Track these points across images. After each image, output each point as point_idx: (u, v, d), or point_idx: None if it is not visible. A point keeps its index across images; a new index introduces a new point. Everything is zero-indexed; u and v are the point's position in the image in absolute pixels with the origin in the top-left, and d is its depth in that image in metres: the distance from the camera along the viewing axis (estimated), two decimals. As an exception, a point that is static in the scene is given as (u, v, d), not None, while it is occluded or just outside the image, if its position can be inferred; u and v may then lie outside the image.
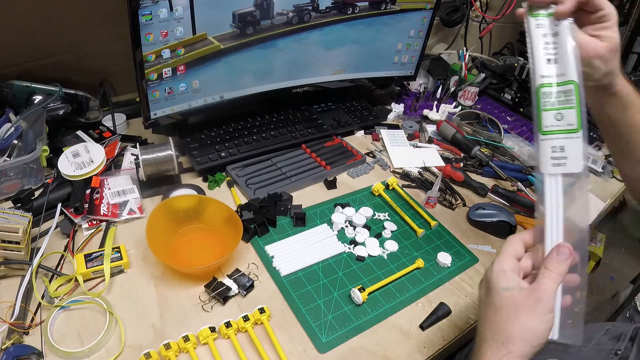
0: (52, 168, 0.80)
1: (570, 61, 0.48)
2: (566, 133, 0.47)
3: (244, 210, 0.77)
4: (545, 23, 0.50)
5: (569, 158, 0.47)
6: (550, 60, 0.49)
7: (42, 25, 0.88)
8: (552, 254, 0.44)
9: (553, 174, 0.47)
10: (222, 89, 0.89)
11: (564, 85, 0.48)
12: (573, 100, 0.48)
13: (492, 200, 0.92)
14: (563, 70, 0.48)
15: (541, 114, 0.48)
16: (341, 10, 0.93)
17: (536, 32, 0.50)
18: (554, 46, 0.49)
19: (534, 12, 0.50)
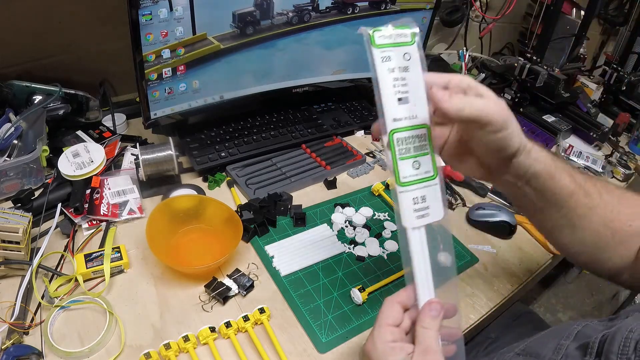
0: (52, 168, 0.80)
1: (422, 101, 0.43)
2: (425, 181, 0.44)
3: (244, 210, 0.77)
4: (393, 55, 0.42)
5: (430, 207, 0.44)
6: (402, 99, 0.42)
7: (42, 25, 0.88)
8: (424, 312, 0.43)
9: (417, 227, 0.44)
10: (222, 89, 0.89)
11: (417, 129, 0.43)
12: (426, 145, 0.44)
13: (492, 200, 0.92)
14: (415, 112, 0.43)
15: (398, 163, 0.43)
16: (341, 10, 0.93)
17: (382, 67, 0.42)
18: (403, 82, 0.42)
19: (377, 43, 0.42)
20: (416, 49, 0.43)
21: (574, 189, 0.48)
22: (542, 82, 1.19)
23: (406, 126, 0.43)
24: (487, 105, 0.41)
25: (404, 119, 0.43)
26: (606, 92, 1.40)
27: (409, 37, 0.43)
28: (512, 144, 0.44)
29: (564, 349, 0.44)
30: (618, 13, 1.64)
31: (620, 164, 1.12)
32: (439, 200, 0.44)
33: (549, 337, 0.48)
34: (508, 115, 0.42)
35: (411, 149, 0.43)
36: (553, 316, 1.71)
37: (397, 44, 0.43)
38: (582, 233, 0.50)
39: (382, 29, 0.42)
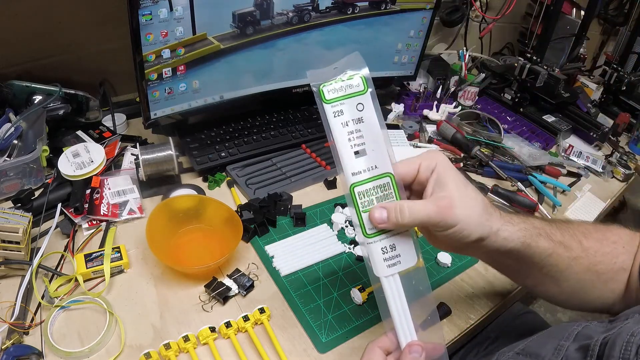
0: (52, 168, 0.80)
1: (381, 149, 0.42)
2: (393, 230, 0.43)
3: (244, 210, 0.77)
4: (345, 108, 0.42)
5: (402, 255, 0.43)
6: (359, 152, 0.42)
7: (42, 25, 0.88)
8: (405, 355, 0.42)
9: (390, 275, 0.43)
10: (222, 89, 0.89)
11: (378, 179, 0.42)
12: (392, 193, 0.43)
13: (492, 200, 0.92)
14: (374, 162, 0.42)
15: (361, 216, 0.42)
16: (341, 10, 0.93)
17: (335, 122, 0.42)
18: (358, 135, 0.42)
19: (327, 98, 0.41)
20: (369, 97, 0.42)
21: (553, 248, 0.47)
22: (542, 82, 1.19)
23: (366, 178, 0.43)
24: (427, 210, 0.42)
25: (363, 172, 0.42)
26: (606, 92, 1.40)
27: (360, 85, 0.42)
28: (468, 235, 0.43)
29: (564, 350, 0.44)
30: (618, 13, 1.64)
31: (620, 164, 1.12)
32: (411, 246, 0.44)
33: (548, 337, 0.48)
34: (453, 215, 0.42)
35: (374, 200, 0.43)
36: (553, 316, 1.71)
37: (349, 95, 0.42)
38: (567, 283, 0.50)
39: (331, 82, 0.42)
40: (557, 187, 0.98)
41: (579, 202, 0.98)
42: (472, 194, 0.44)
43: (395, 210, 0.41)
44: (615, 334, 0.40)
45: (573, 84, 1.44)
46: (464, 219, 0.42)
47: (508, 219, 0.46)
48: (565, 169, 1.07)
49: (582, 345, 0.43)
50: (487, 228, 0.44)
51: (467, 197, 0.43)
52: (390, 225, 0.42)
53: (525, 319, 0.81)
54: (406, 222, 0.41)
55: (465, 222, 0.42)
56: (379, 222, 0.42)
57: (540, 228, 0.48)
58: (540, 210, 0.89)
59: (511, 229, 0.45)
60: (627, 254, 0.51)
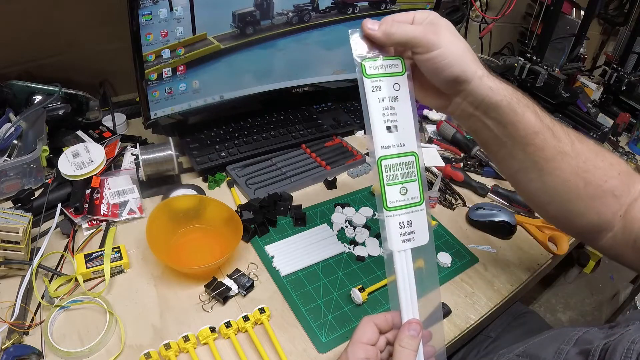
0: (52, 168, 0.80)
1: (411, 129, 0.45)
2: (412, 207, 0.45)
3: (244, 210, 0.77)
4: (383, 85, 0.44)
5: (416, 232, 0.45)
6: (391, 128, 0.44)
7: (42, 25, 0.88)
8: (404, 331, 0.43)
9: (403, 250, 0.45)
10: (222, 89, 0.89)
11: (405, 157, 0.45)
12: (414, 172, 0.45)
13: (492, 200, 0.92)
14: (403, 140, 0.45)
15: (385, 189, 0.44)
16: (341, 10, 0.93)
17: (372, 96, 0.44)
18: (392, 112, 0.44)
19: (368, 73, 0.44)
20: (406, 80, 0.45)
21: (540, 127, 0.46)
22: (542, 82, 1.19)
23: (394, 154, 0.45)
24: (415, 29, 0.43)
25: (392, 147, 0.45)
26: (606, 92, 1.40)
27: (399, 67, 0.45)
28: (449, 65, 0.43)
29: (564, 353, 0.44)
30: (618, 13, 1.64)
31: (620, 164, 1.12)
32: (425, 225, 0.46)
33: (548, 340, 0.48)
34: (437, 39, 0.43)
35: (398, 175, 0.45)
36: (553, 316, 1.72)
37: (388, 74, 0.44)
38: (550, 179, 0.48)
39: (373, 59, 0.44)
40: (557, 187, 0.98)
41: (579, 202, 0.98)
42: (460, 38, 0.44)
43: (387, 22, 0.43)
44: (616, 341, 0.40)
45: (573, 84, 1.44)
46: (446, 44, 0.43)
47: (494, 75, 0.46)
48: (565, 169, 1.07)
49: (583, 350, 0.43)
50: (471, 67, 0.44)
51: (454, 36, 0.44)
52: (379, 33, 0.42)
53: (525, 319, 0.81)
54: (393, 32, 0.42)
55: (447, 49, 0.43)
56: (369, 28, 0.43)
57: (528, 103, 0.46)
58: (540, 210, 0.89)
59: (496, 81, 0.45)
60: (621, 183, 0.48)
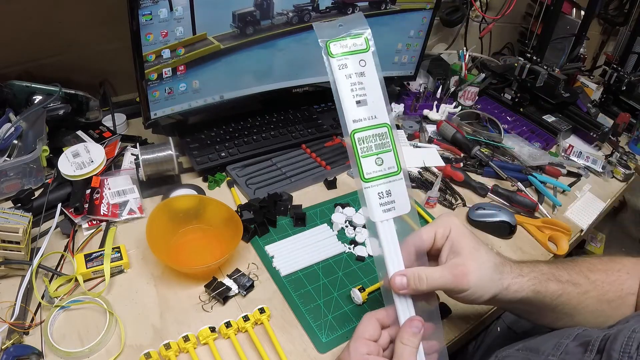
0: (52, 168, 0.80)
1: (381, 102, 0.47)
2: (389, 177, 0.47)
3: (244, 210, 0.77)
4: (349, 62, 0.46)
5: (396, 201, 0.47)
6: (360, 102, 0.46)
7: (42, 25, 0.88)
8: (405, 328, 0.44)
9: (385, 220, 0.46)
10: (222, 89, 0.89)
11: (377, 128, 0.47)
12: (388, 143, 0.47)
13: (492, 200, 0.92)
14: (374, 112, 0.46)
15: (360, 161, 0.46)
16: (341, 10, 0.93)
17: (339, 74, 0.46)
18: (360, 87, 0.46)
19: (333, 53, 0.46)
20: (370, 56, 0.47)
21: (562, 289, 0.50)
22: (542, 82, 1.19)
23: (366, 126, 0.46)
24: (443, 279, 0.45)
25: (364, 120, 0.46)
26: (606, 92, 1.40)
27: (363, 44, 0.47)
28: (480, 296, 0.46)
29: (563, 346, 0.45)
30: (618, 13, 1.64)
31: (620, 164, 1.12)
32: (405, 194, 0.47)
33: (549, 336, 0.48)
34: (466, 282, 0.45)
35: (372, 147, 0.46)
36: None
37: (353, 52, 0.47)
38: (580, 317, 0.52)
39: (337, 39, 0.46)
40: (557, 187, 0.98)
41: (579, 202, 0.98)
42: (484, 258, 0.47)
43: (414, 278, 0.45)
44: (616, 330, 0.41)
45: (573, 84, 1.44)
46: (476, 283, 0.45)
47: (518, 271, 0.49)
48: (565, 169, 1.07)
49: (583, 342, 0.43)
50: (498, 286, 0.47)
51: (479, 262, 0.47)
52: (410, 291, 0.45)
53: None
54: (424, 289, 0.45)
55: (477, 286, 0.46)
56: (399, 288, 0.45)
57: (548, 272, 0.50)
58: (540, 210, 0.89)
59: (521, 280, 0.48)
60: (633, 279, 0.53)
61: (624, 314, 0.52)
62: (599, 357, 0.40)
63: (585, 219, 0.94)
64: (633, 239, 2.07)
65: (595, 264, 0.54)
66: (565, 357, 0.43)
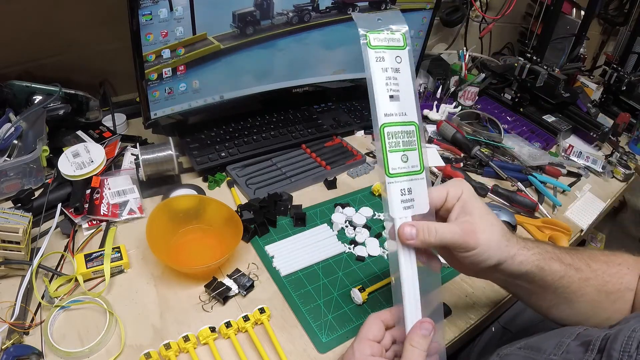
0: (52, 168, 0.80)
1: (412, 100, 0.46)
2: (412, 175, 0.46)
3: (244, 210, 0.77)
4: (386, 56, 0.46)
5: (416, 200, 0.46)
6: (393, 97, 0.46)
7: (42, 25, 0.88)
8: (415, 330, 0.44)
9: (404, 217, 0.46)
10: (222, 89, 0.89)
11: (406, 126, 0.46)
12: (415, 142, 0.46)
13: (492, 200, 0.92)
14: (404, 109, 0.46)
15: (387, 155, 0.46)
16: (341, 10, 0.93)
17: (376, 66, 0.46)
18: (394, 82, 0.46)
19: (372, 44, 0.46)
20: (407, 54, 0.47)
21: (564, 270, 0.50)
22: (542, 82, 1.19)
23: (396, 121, 0.46)
24: (452, 233, 0.45)
25: (394, 115, 0.46)
26: (606, 92, 1.40)
27: (401, 41, 0.47)
28: (486, 259, 0.46)
29: (565, 345, 0.45)
30: (618, 13, 1.64)
31: (620, 164, 1.12)
32: (425, 194, 0.47)
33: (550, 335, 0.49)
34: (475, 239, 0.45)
35: (400, 143, 0.46)
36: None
37: (390, 47, 0.47)
38: (579, 305, 0.52)
39: (377, 31, 0.46)
40: (557, 187, 0.98)
41: (579, 202, 0.98)
42: (493, 221, 0.47)
43: (424, 230, 0.45)
44: (617, 330, 0.41)
45: (573, 84, 1.44)
46: (484, 242, 0.45)
47: (523, 244, 0.49)
48: (565, 169, 1.07)
49: (584, 342, 0.43)
50: (505, 253, 0.47)
51: (488, 224, 0.47)
52: (418, 242, 0.45)
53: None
54: (432, 241, 0.45)
55: (485, 246, 0.46)
56: (407, 238, 0.45)
57: (552, 252, 0.50)
58: (540, 210, 0.89)
59: (526, 253, 0.48)
60: (632, 275, 0.53)
61: (622, 309, 0.52)
62: (600, 356, 0.41)
63: (585, 219, 0.94)
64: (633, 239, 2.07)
65: (597, 254, 0.54)
66: (567, 357, 0.44)
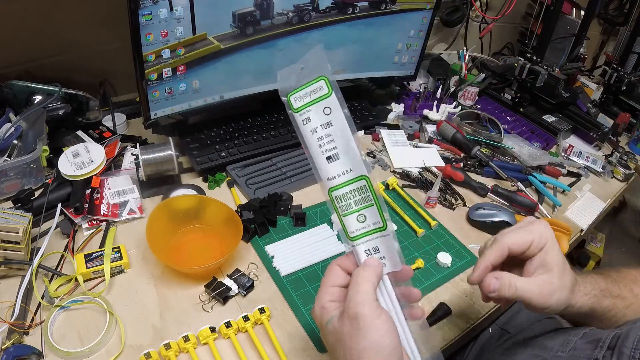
0: (52, 168, 0.80)
1: (353, 151, 0.42)
2: (375, 232, 0.43)
3: (244, 210, 0.77)
4: (312, 115, 0.42)
5: (386, 257, 0.43)
6: (331, 157, 0.42)
7: (42, 25, 0.88)
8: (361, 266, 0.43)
9: None
10: (222, 89, 0.89)
11: (354, 183, 0.43)
12: (370, 197, 0.43)
13: (492, 200, 0.92)
14: (348, 166, 0.43)
15: (342, 220, 0.43)
16: (341, 10, 0.93)
17: (305, 129, 0.42)
18: (329, 139, 0.42)
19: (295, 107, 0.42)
20: (334, 100, 0.42)
21: (613, 304, 0.52)
22: (542, 82, 1.19)
23: (342, 182, 0.43)
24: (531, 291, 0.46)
25: (338, 176, 0.43)
26: (606, 92, 1.40)
27: (324, 88, 0.42)
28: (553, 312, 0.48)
29: (572, 343, 0.45)
30: (618, 13, 1.64)
31: (620, 164, 1.12)
32: (394, 250, 0.43)
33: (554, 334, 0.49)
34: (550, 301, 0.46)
35: (352, 204, 0.43)
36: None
37: (315, 100, 0.42)
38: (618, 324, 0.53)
39: (296, 90, 0.42)
40: (557, 187, 0.98)
41: (579, 202, 0.98)
42: (567, 278, 0.48)
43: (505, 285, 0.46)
44: (628, 328, 0.42)
45: (573, 84, 1.44)
46: (555, 304, 0.47)
47: (584, 291, 0.51)
48: (565, 169, 1.07)
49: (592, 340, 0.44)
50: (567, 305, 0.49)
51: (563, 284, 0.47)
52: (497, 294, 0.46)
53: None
54: (509, 296, 0.46)
55: (555, 306, 0.47)
56: (490, 291, 0.46)
57: (605, 289, 0.52)
58: (540, 210, 0.89)
59: (584, 299, 0.50)
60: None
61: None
62: (610, 353, 0.41)
63: (585, 219, 0.94)
64: (633, 239, 2.07)
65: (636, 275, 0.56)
66: (574, 353, 0.44)
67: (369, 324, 0.38)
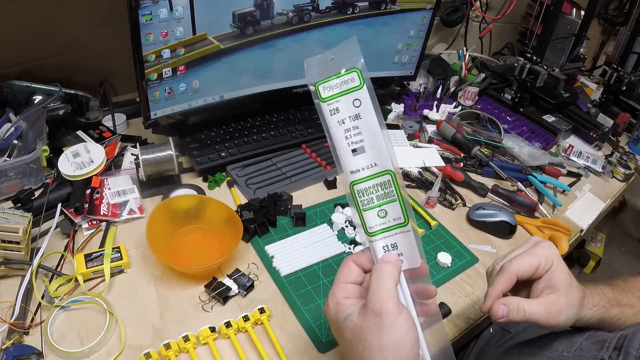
0: (52, 168, 0.80)
1: (380, 145, 0.41)
2: (395, 229, 0.42)
3: (244, 210, 0.77)
4: (341, 105, 0.41)
5: (404, 254, 0.43)
6: (357, 150, 0.41)
7: (42, 25, 0.88)
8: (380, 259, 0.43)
9: None
10: (222, 89, 0.89)
11: (378, 177, 0.42)
12: (393, 192, 0.42)
13: (492, 200, 0.92)
14: (373, 160, 0.41)
15: (362, 214, 0.42)
16: (341, 10, 0.93)
17: (331, 120, 0.41)
18: (356, 132, 0.41)
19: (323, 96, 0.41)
20: (365, 93, 0.41)
21: (621, 313, 0.52)
22: (542, 82, 1.19)
23: (365, 176, 0.42)
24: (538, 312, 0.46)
25: (362, 170, 0.42)
26: (606, 92, 1.40)
27: (356, 80, 0.42)
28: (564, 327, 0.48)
29: (577, 343, 0.46)
30: (618, 13, 1.64)
31: (620, 164, 1.12)
32: (413, 247, 0.43)
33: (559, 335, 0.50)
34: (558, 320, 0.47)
35: (373, 199, 0.42)
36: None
37: (345, 91, 0.41)
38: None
39: (327, 79, 0.42)
40: (557, 187, 0.98)
41: (579, 202, 0.98)
42: (574, 295, 0.48)
43: (514, 310, 0.46)
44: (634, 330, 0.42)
45: (573, 84, 1.44)
46: (564, 321, 0.47)
47: (593, 302, 0.51)
48: (565, 169, 1.07)
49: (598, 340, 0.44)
50: (576, 319, 0.49)
51: (571, 301, 0.48)
52: (506, 319, 0.46)
53: None
54: (520, 320, 0.46)
55: (564, 324, 0.48)
56: (499, 317, 0.46)
57: (613, 299, 0.53)
58: (540, 210, 0.89)
59: (592, 310, 0.51)
60: None
61: None
62: (617, 353, 0.41)
63: (585, 219, 0.94)
64: (633, 239, 2.07)
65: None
66: (580, 354, 0.44)
67: (392, 321, 0.39)
